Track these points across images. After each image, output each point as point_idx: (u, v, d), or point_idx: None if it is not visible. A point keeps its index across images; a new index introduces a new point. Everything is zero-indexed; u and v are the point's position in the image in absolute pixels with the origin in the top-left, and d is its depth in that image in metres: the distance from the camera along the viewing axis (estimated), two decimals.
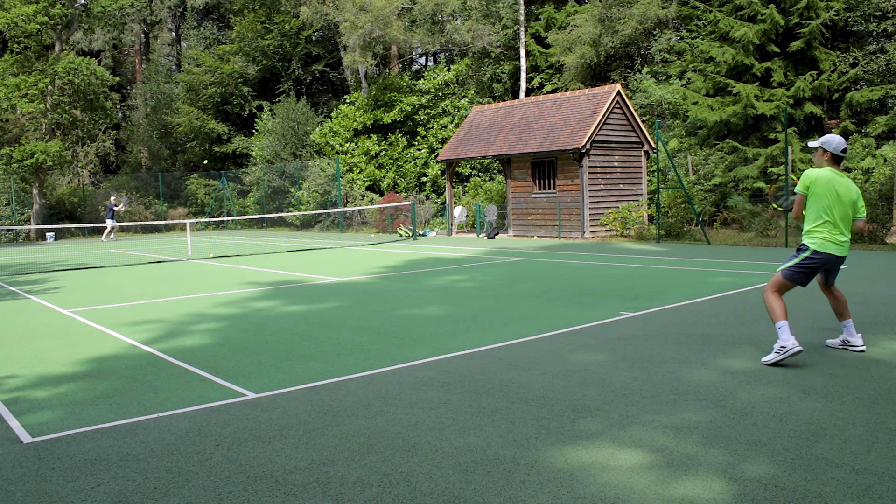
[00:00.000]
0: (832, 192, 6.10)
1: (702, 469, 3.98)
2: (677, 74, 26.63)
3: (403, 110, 32.41)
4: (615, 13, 28.53)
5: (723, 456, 4.16)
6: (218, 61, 40.70)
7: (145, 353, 7.50)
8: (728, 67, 23.34)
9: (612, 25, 28.65)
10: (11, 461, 4.48)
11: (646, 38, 29.34)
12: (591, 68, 30.28)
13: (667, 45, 28.30)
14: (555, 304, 9.75)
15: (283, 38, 39.37)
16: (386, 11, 31.70)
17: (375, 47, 33.65)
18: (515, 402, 5.33)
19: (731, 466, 4.00)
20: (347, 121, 33.80)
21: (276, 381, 6.15)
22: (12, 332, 9.10)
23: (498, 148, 23.77)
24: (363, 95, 34.65)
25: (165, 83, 44.99)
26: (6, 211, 34.40)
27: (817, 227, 6.13)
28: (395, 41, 34.17)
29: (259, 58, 40.11)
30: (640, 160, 23.22)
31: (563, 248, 18.79)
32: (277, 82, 41.06)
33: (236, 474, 4.15)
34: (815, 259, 6.12)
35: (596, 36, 28.69)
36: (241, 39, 39.98)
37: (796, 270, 6.18)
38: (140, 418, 5.25)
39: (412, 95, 32.95)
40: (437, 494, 3.78)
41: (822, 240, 6.10)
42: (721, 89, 23.69)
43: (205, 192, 40.10)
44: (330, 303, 10.57)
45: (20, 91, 31.70)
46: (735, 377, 5.78)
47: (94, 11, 34.15)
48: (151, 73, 45.61)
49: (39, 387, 6.25)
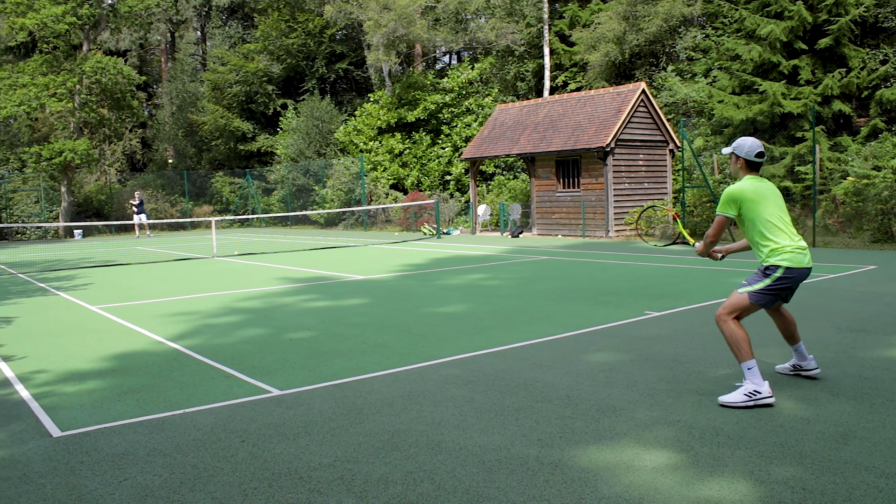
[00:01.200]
0: (768, 196, 5.28)
1: (728, 470, 3.95)
2: (703, 72, 26.41)
3: (427, 109, 32.44)
4: (640, 10, 28.36)
5: (749, 457, 4.12)
6: (243, 60, 40.95)
7: (171, 349, 7.57)
8: (754, 65, 23.11)
9: (636, 23, 28.47)
10: (42, 454, 4.54)
11: (671, 35, 29.13)
12: (615, 66, 30.11)
13: (692, 43, 28.07)
14: (579, 303, 9.72)
15: (307, 36, 39.52)
16: (409, 10, 31.73)
17: (399, 46, 33.69)
18: (539, 401, 5.32)
19: (757, 468, 3.97)
20: (371, 119, 33.88)
21: (301, 379, 6.18)
22: (42, 327, 9.22)
23: (522, 146, 23.72)
24: (387, 94, 34.71)
25: (191, 82, 45.36)
26: (36, 208, 34.84)
27: (777, 241, 5.20)
28: (419, 39, 34.20)
29: (283, 56, 40.30)
30: (665, 159, 23.08)
31: (587, 246, 18.72)
32: (302, 81, 41.23)
33: (261, 470, 4.18)
34: (787, 279, 5.20)
35: (620, 33, 28.52)
36: (265, 38, 40.18)
37: (766, 294, 5.23)
38: (166, 414, 5.31)
39: (436, 94, 32.96)
40: (461, 493, 3.78)
41: (790, 253, 5.17)
42: (747, 87, 23.46)
43: (230, 189, 40.39)
44: (354, 300, 10.60)
45: (49, 90, 32.12)
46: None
47: (121, 11, 34.51)
48: (177, 72, 46.01)
49: (68, 382, 6.33)
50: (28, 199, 35.16)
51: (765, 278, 5.25)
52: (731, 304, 5.28)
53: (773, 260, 5.20)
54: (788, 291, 5.33)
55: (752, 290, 5.24)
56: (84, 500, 3.86)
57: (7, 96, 31.85)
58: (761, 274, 5.27)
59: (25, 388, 6.16)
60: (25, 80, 32.17)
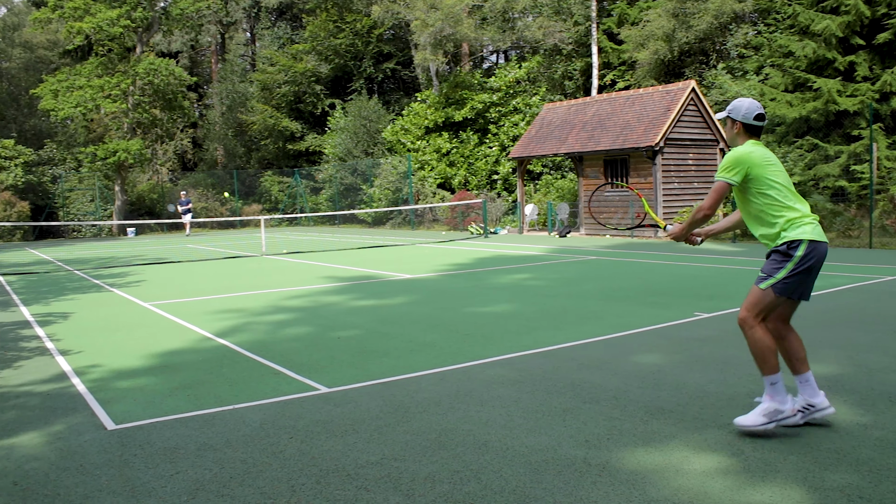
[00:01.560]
0: (776, 163, 4.53)
1: (780, 476, 3.88)
2: (754, 70, 25.92)
3: (475, 108, 32.42)
4: (689, 7, 27.95)
5: (802, 463, 4.04)
6: (291, 60, 41.40)
7: (221, 345, 7.68)
8: (808, 62, 22.62)
9: (686, 20, 28.07)
10: (97, 446, 4.65)
11: (721, 32, 28.66)
12: (664, 64, 29.74)
13: (743, 40, 27.58)
14: (627, 303, 9.62)
15: (354, 36, 39.80)
16: (456, 9, 31.74)
17: (446, 45, 33.72)
18: (587, 401, 5.28)
19: (811, 474, 3.88)
20: (419, 118, 33.98)
21: (349, 376, 6.23)
22: (97, 323, 9.43)
23: (570, 146, 23.57)
24: (434, 93, 34.78)
25: (240, 82, 46.02)
26: (91, 207, 35.69)
27: (796, 208, 4.43)
28: (466, 39, 34.20)
29: (331, 56, 40.63)
30: (716, 158, 22.74)
31: (635, 246, 18.53)
32: (349, 80, 41.54)
33: (309, 467, 4.22)
34: (812, 258, 4.37)
35: (670, 31, 28.16)
36: (313, 38, 40.56)
37: (793, 280, 4.39)
38: (216, 409, 5.39)
39: (483, 93, 32.93)
40: (508, 493, 3.77)
41: (811, 225, 4.41)
42: (801, 85, 22.97)
43: (278, 188, 40.86)
44: (401, 299, 10.64)
45: (104, 92, 32.92)
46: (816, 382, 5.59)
47: (173, 14, 35.18)
48: (227, 73, 46.72)
49: (122, 376, 6.47)
50: (83, 197, 36.04)
51: (786, 261, 4.39)
52: (753, 303, 4.48)
53: (792, 234, 4.38)
54: (813, 279, 4.48)
55: (777, 280, 4.41)
56: (138, 492, 3.94)
57: (65, 98, 32.69)
58: (781, 256, 4.42)
59: (81, 381, 6.31)
60: (82, 83, 33.00)
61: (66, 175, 36.04)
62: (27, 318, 10.01)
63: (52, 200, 35.13)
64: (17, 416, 5.39)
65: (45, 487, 4.04)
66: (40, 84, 35.04)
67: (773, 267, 4.45)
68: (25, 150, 34.67)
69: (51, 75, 35.52)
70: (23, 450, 4.64)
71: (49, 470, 4.29)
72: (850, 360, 6.20)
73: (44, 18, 34.08)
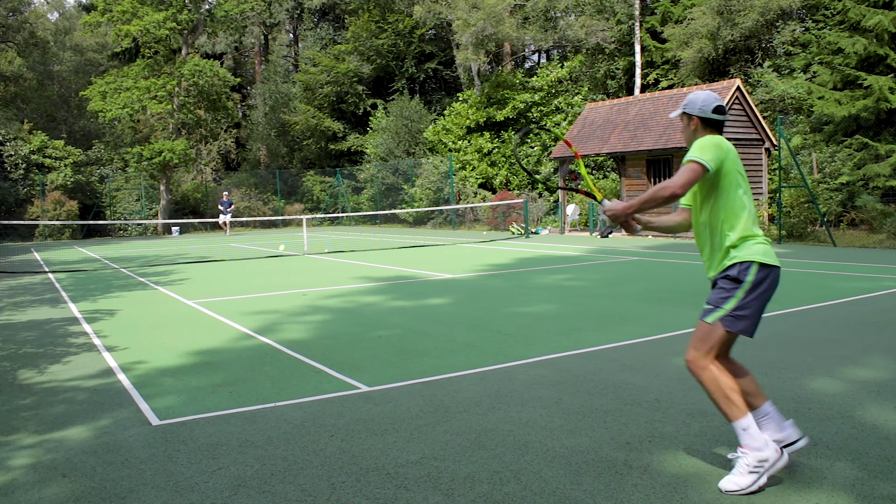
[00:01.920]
0: (741, 170, 3.88)
1: (827, 483, 3.80)
2: (801, 68, 25.46)
3: (516, 108, 32.34)
4: (735, 4, 27.51)
5: (851, 471, 3.95)
6: (333, 61, 41.69)
7: (263, 343, 7.77)
8: (858, 59, 22.14)
9: (731, 18, 27.65)
10: (142, 441, 4.73)
11: (768, 29, 28.18)
12: (708, 63, 29.34)
13: (791, 37, 27.08)
14: (669, 304, 9.51)
15: (396, 37, 39.94)
16: (498, 9, 31.68)
17: (488, 45, 33.68)
18: (628, 403, 5.23)
19: (860, 482, 3.79)
20: (460, 118, 33.98)
21: (389, 376, 6.25)
22: (142, 320, 9.60)
23: (612, 145, 23.39)
24: (476, 93, 34.75)
25: (283, 83, 46.48)
26: (136, 206, 36.35)
27: (750, 227, 3.83)
28: (508, 38, 34.12)
29: (373, 57, 40.83)
30: (761, 158, 22.36)
31: (678, 247, 18.32)
32: (391, 80, 41.69)
33: (349, 465, 4.24)
34: (763, 282, 3.77)
35: (714, 29, 27.76)
36: (355, 39, 40.80)
37: (742, 311, 3.76)
38: (258, 407, 5.45)
39: (525, 93, 32.82)
40: (548, 494, 3.75)
41: (764, 245, 3.81)
42: (850, 82, 22.50)
43: (320, 188, 41.19)
44: (442, 299, 10.65)
45: (150, 93, 33.51)
46: (864, 387, 5.47)
47: (218, 16, 35.67)
48: (270, 74, 47.22)
49: (166, 373, 6.57)
50: (129, 197, 36.73)
51: (736, 288, 3.78)
52: (700, 340, 3.82)
53: (741, 254, 3.78)
54: (763, 309, 3.84)
55: (725, 312, 3.78)
56: (181, 486, 4.00)
57: (112, 100, 33.35)
58: (729, 283, 3.81)
59: (127, 377, 6.43)
60: (129, 84, 33.64)
61: (113, 175, 36.77)
62: (75, 315, 10.22)
63: (99, 200, 35.86)
64: (66, 409, 5.51)
65: (92, 480, 4.12)
66: (89, 86, 35.80)
67: (721, 296, 3.82)
68: (74, 150, 35.44)
69: (99, 77, 36.29)
70: (71, 443, 4.74)
71: (96, 463, 4.37)
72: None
73: (93, 22, 34.79)
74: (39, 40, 42.32)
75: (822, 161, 22.07)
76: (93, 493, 3.95)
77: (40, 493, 3.96)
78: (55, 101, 44.77)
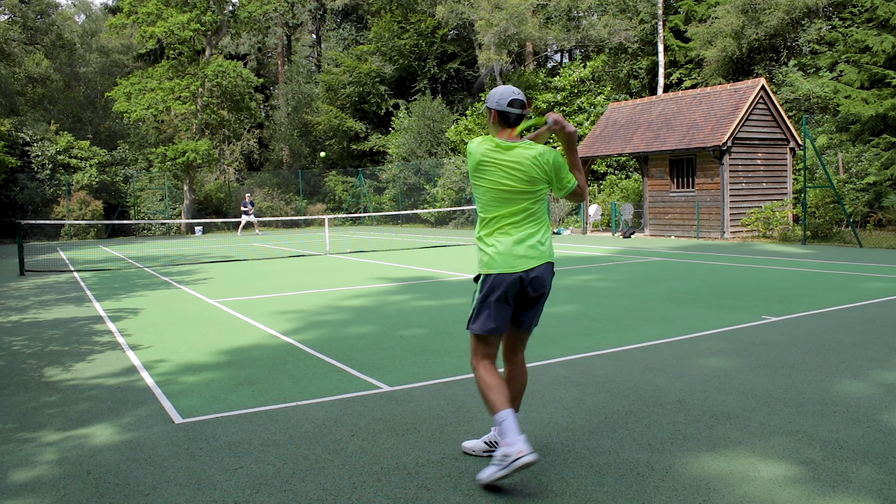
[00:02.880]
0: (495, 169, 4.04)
1: (852, 487, 3.75)
2: (828, 66, 25.19)
3: (539, 108, 32.25)
4: (760, 3, 27.28)
5: (877, 475, 3.89)
6: (356, 61, 41.81)
7: (285, 343, 7.80)
8: (886, 57, 21.87)
9: (755, 16, 27.42)
10: (165, 439, 4.76)
11: (793, 28, 27.91)
12: (732, 62, 29.11)
13: (817, 36, 26.79)
14: (692, 305, 9.45)
15: (418, 37, 39.98)
16: (521, 8, 31.64)
17: (510, 45, 33.64)
18: (650, 405, 5.20)
19: (886, 486, 3.74)
20: (482, 118, 33.95)
21: (410, 375, 6.25)
22: (165, 319, 9.68)
23: (635, 145, 23.27)
24: None
25: (306, 83, 46.70)
26: (160, 206, 36.67)
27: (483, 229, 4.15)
28: (530, 38, 34.04)
29: (396, 57, 40.89)
30: (786, 158, 22.16)
31: (701, 248, 18.19)
32: (413, 81, 41.74)
33: (370, 464, 4.25)
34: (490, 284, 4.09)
35: (738, 28, 27.54)
36: (378, 39, 40.89)
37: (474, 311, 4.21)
38: (280, 406, 5.47)
39: (547, 92, 32.76)
40: (569, 495, 3.74)
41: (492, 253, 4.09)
42: (878, 81, 22.23)
43: (343, 188, 41.33)
44: (463, 299, 10.64)
45: (174, 94, 33.78)
46: (891, 391, 5.40)
47: (241, 17, 35.90)
48: (293, 74, 47.45)
49: (189, 371, 6.62)
50: (153, 197, 37.07)
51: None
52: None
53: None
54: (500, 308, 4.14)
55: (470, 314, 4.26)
56: (203, 484, 4.02)
57: (137, 101, 33.68)
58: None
59: (150, 375, 6.48)
60: (153, 85, 33.95)
61: (137, 175, 37.12)
62: (100, 314, 10.32)
63: (123, 199, 36.21)
64: (90, 407, 5.56)
65: (116, 477, 4.16)
66: (114, 87, 36.18)
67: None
68: (100, 150, 35.84)
69: (124, 79, 36.64)
70: (95, 440, 4.79)
71: (119, 460, 4.41)
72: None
73: (119, 24, 35.15)
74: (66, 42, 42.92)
75: (849, 161, 21.82)
76: (116, 489, 3.99)
77: (65, 489, 4.00)
78: (81, 103, 45.31)
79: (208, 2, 34.64)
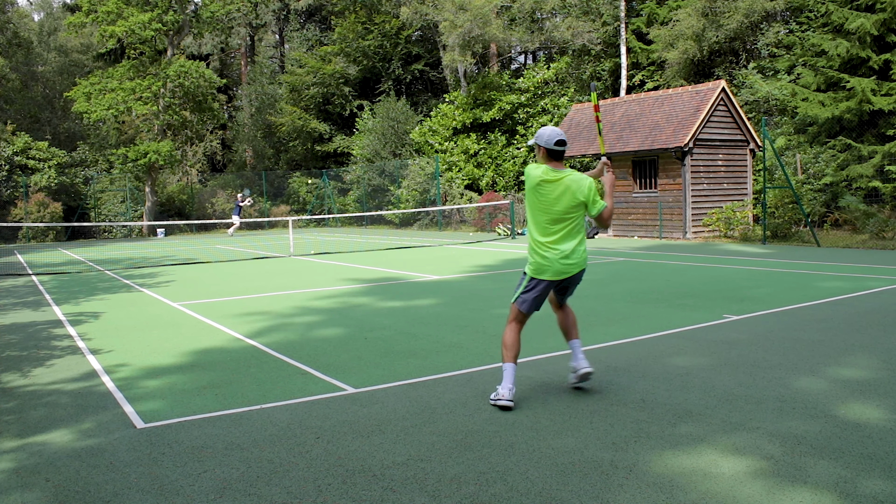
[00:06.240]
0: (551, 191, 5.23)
1: (811, 481, 3.82)
2: (786, 69, 25.63)
3: (503, 109, 32.37)
4: (720, 6, 27.69)
5: (834, 469, 3.97)
6: (320, 62, 41.63)
7: (249, 346, 7.74)
8: (841, 61, 22.30)
9: (716, 19, 27.82)
10: (126, 445, 4.70)
11: (752, 31, 28.37)
12: (694, 64, 29.51)
13: (775, 39, 27.26)
14: (655, 305, 9.55)
15: (383, 38, 39.92)
16: (485, 10, 31.72)
17: (475, 46, 33.71)
18: (614, 404, 5.24)
19: (843, 480, 3.82)
20: (447, 120, 33.99)
21: (375, 377, 6.24)
22: (126, 322, 9.54)
23: (598, 146, 23.44)
24: (462, 94, 34.77)
25: (269, 84, 46.37)
26: (122, 208, 36.15)
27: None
28: (495, 40, 34.15)
29: (360, 58, 40.79)
30: (746, 159, 22.50)
31: (664, 248, 18.39)
32: (378, 82, 41.67)
33: (335, 467, 4.23)
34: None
35: (699, 30, 27.92)
36: (342, 40, 40.75)
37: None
38: (244, 409, 5.42)
39: (511, 94, 32.87)
40: (534, 494, 3.76)
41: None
42: (833, 84, 22.66)
43: (307, 190, 41.10)
44: (428, 300, 10.65)
45: (135, 94, 33.33)
46: (847, 386, 5.51)
47: (204, 17, 35.54)
48: (256, 75, 47.10)
49: (151, 375, 6.53)
50: (114, 198, 36.55)
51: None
52: None
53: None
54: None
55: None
56: (166, 489, 3.97)
57: (97, 101, 33.18)
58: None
59: (111, 380, 6.39)
60: (114, 85, 33.46)
61: (97, 176, 36.57)
62: (59, 318, 10.15)
63: (84, 201, 35.65)
64: (49, 413, 5.47)
65: (76, 484, 4.09)
66: (74, 87, 35.59)
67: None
68: (59, 151, 35.24)
69: (84, 78, 36.08)
70: (54, 447, 4.70)
71: (80, 467, 4.34)
72: (883, 364, 6.10)
73: (78, 23, 34.60)
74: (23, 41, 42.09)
75: (806, 162, 22.22)
76: (76, 497, 3.92)
77: (23, 498, 3.93)
78: (39, 102, 44.50)
79: (170, 1, 34.25)
